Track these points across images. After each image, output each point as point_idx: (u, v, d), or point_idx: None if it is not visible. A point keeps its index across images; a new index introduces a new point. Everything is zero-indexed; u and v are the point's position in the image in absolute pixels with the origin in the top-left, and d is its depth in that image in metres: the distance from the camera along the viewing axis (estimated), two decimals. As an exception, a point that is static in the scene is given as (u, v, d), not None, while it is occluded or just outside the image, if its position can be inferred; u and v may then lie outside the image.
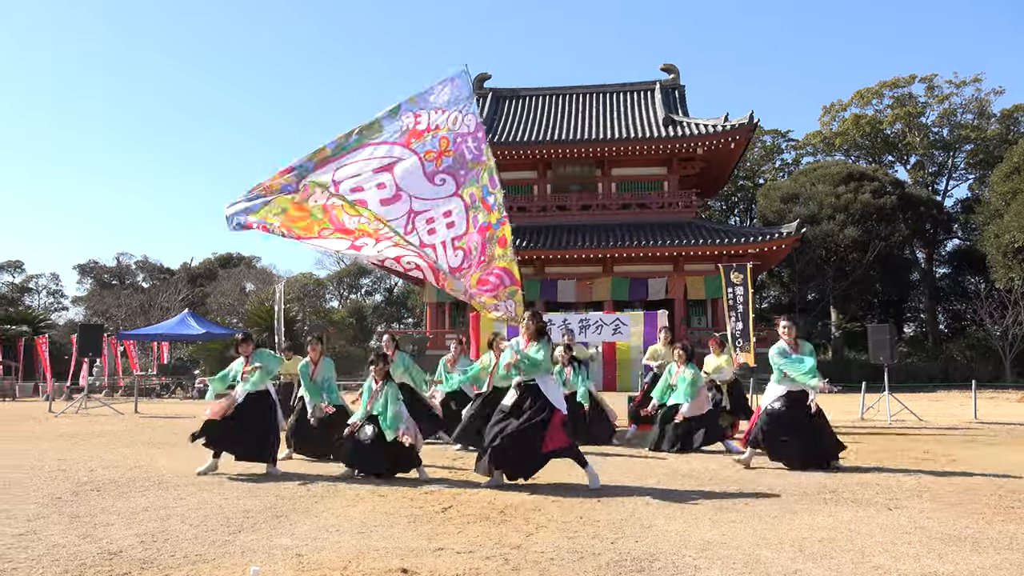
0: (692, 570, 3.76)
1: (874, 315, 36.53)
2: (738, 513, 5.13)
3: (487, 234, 7.42)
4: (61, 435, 10.92)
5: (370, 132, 7.43)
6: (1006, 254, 30.00)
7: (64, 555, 4.09)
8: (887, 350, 13.85)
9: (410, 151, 7.41)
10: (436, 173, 7.42)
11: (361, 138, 7.43)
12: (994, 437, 10.29)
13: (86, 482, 6.54)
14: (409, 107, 7.51)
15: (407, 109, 7.51)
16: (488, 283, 7.54)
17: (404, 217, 7.46)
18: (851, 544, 4.26)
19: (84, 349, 17.71)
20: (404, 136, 7.44)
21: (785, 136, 47.84)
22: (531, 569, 3.81)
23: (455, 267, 7.47)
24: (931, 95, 42.32)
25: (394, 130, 7.42)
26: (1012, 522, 4.80)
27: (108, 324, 35.44)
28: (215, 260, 53.97)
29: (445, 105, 7.43)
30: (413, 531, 4.68)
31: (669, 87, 32.67)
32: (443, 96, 7.51)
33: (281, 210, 7.33)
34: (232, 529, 4.71)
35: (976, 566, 3.79)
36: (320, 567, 3.85)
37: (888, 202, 34.39)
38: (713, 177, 31.26)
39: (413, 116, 7.46)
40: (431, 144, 7.43)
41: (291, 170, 7.44)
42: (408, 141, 7.44)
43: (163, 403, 20.72)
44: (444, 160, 7.41)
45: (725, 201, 47.78)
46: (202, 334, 24.99)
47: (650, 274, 27.41)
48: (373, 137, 7.41)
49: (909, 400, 14.72)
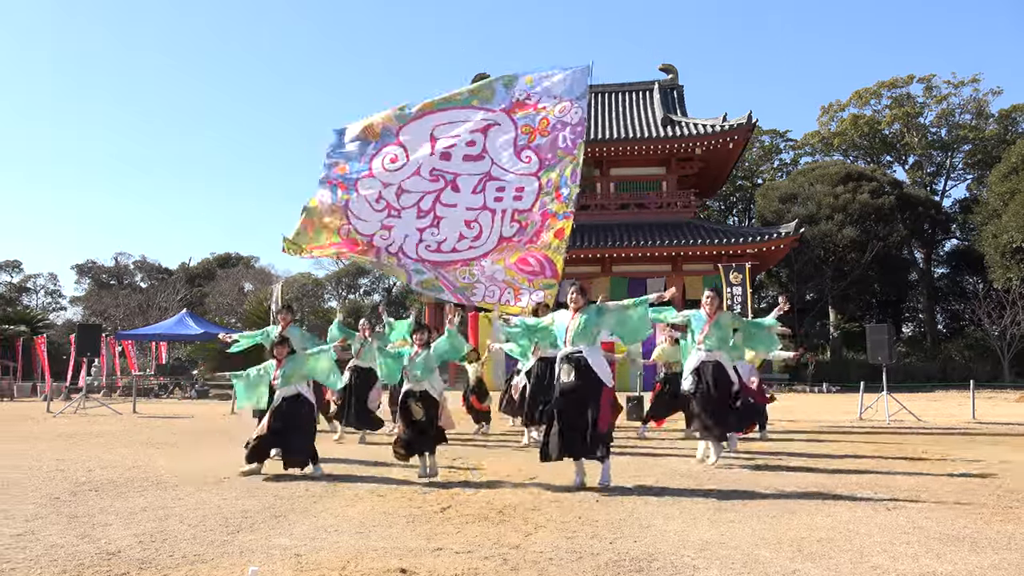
0: (691, 570, 3.77)
1: (872, 315, 36.57)
2: (737, 513, 5.13)
3: (547, 221, 7.54)
4: (59, 435, 10.91)
5: (481, 95, 7.61)
6: (1004, 254, 30.04)
7: (62, 555, 4.08)
8: (885, 350, 13.85)
9: (511, 120, 7.58)
10: (524, 149, 7.58)
11: (471, 98, 7.62)
12: (993, 437, 10.30)
13: (84, 482, 6.53)
14: (525, 86, 7.64)
15: (523, 87, 7.66)
16: (528, 264, 7.66)
17: (478, 176, 7.63)
18: (849, 544, 4.26)
19: (82, 349, 17.68)
20: (511, 105, 7.59)
21: (783, 136, 47.88)
22: (530, 569, 3.81)
23: (507, 237, 7.59)
24: (929, 95, 42.36)
25: (504, 98, 7.59)
26: (1010, 522, 4.81)
27: (106, 324, 35.36)
28: (213, 260, 53.92)
29: (561, 92, 7.59)
30: (412, 531, 4.68)
31: (667, 87, 32.69)
32: (561, 84, 7.66)
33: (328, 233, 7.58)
34: (230, 529, 4.71)
35: (974, 566, 3.79)
36: (319, 567, 3.84)
37: (886, 202, 34.42)
38: (712, 177, 31.28)
39: (526, 92, 7.61)
40: (532, 120, 7.62)
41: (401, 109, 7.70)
42: (512, 110, 7.60)
43: (161, 403, 20.70)
44: (537, 139, 7.54)
45: (723, 201, 47.81)
46: (200, 334, 24.96)
47: (649, 274, 27.42)
48: (483, 101, 7.60)
49: (907, 400, 14.74)
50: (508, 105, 7.53)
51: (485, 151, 7.61)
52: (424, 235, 7.83)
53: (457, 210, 7.71)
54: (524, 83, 7.58)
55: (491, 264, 7.76)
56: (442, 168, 7.66)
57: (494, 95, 7.57)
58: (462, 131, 7.54)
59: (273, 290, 22.91)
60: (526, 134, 7.59)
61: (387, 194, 7.71)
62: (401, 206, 7.76)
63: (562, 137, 7.50)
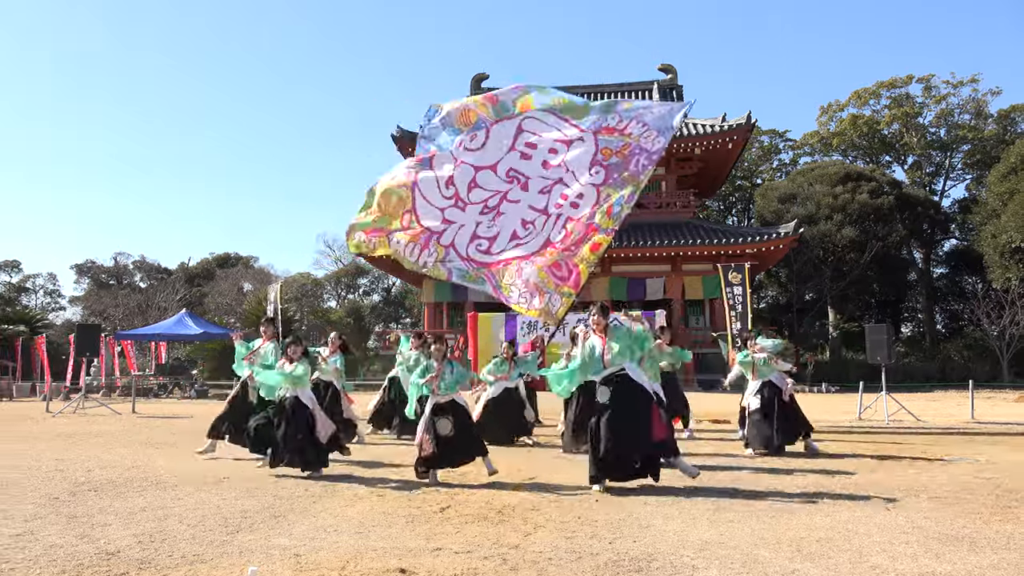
0: (690, 570, 3.77)
1: (871, 315, 36.56)
2: (736, 513, 5.13)
3: (590, 234, 7.55)
4: (58, 435, 10.90)
5: (575, 112, 7.71)
6: (1003, 254, 30.05)
7: (61, 555, 4.08)
8: (884, 350, 13.86)
9: (594, 139, 7.64)
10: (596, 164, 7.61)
11: (566, 111, 7.71)
12: (992, 437, 10.31)
13: (83, 482, 6.53)
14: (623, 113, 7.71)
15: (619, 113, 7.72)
16: (560, 270, 7.66)
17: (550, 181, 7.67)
18: (849, 544, 4.26)
19: (82, 349, 17.68)
20: (599, 128, 7.66)
21: (783, 136, 47.89)
22: (529, 569, 3.81)
23: (552, 241, 7.61)
24: (928, 95, 42.36)
25: (595, 121, 7.66)
26: (1009, 522, 4.81)
27: (105, 324, 35.36)
28: (213, 260, 53.91)
29: (651, 123, 7.63)
30: (411, 531, 4.68)
31: (667, 87, 32.70)
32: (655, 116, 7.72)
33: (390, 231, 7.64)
34: (230, 529, 4.71)
35: (973, 566, 3.80)
36: (318, 567, 3.84)
37: (885, 202, 34.43)
38: (711, 177, 31.28)
39: (618, 119, 7.68)
40: (613, 143, 7.67)
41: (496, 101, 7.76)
42: (600, 132, 7.67)
43: (161, 403, 20.69)
44: (612, 159, 7.60)
45: (723, 201, 47.81)
46: (200, 334, 24.96)
47: (648, 274, 27.42)
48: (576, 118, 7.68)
49: (906, 400, 14.74)
50: (597, 128, 7.63)
51: (563, 162, 7.68)
52: (479, 229, 7.84)
53: (519, 206, 7.75)
54: (622, 109, 7.69)
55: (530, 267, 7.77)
56: (519, 169, 7.71)
57: (587, 116, 7.70)
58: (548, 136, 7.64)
59: (270, 291, 22.87)
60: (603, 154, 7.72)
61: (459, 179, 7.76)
62: (469, 200, 7.79)
63: (635, 162, 7.59)
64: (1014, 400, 19.30)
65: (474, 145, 7.83)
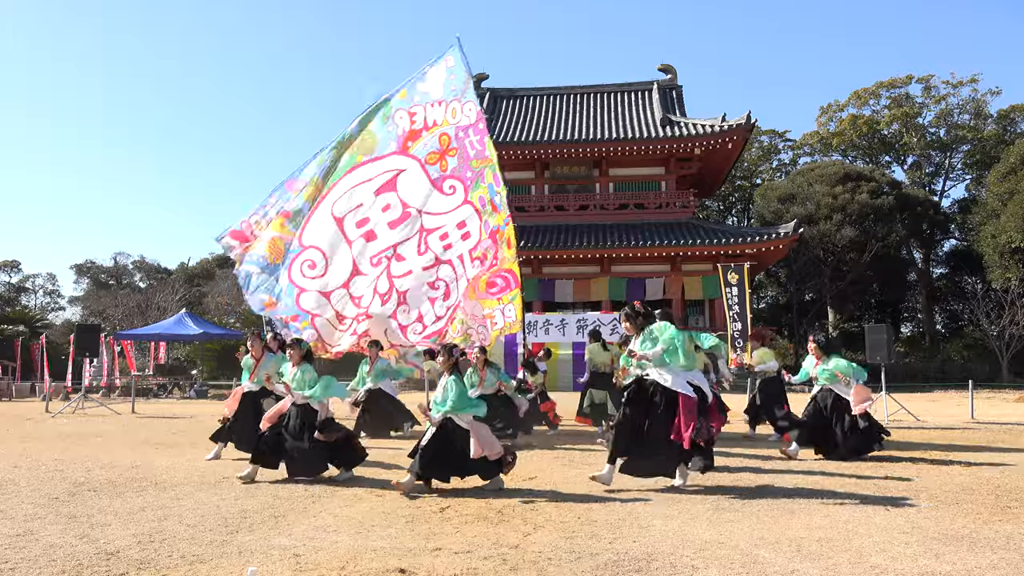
0: (690, 570, 3.77)
1: (871, 315, 36.54)
2: (736, 513, 5.13)
3: (497, 237, 7.26)
4: (58, 435, 10.89)
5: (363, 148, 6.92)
6: (1003, 254, 30.05)
7: (61, 555, 4.08)
8: (884, 350, 13.87)
9: (409, 158, 6.94)
10: (443, 179, 7.02)
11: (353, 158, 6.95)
12: (991, 437, 10.30)
13: (83, 482, 6.52)
14: (401, 104, 7.04)
15: (399, 107, 7.04)
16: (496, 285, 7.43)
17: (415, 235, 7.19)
18: (848, 544, 4.26)
19: (81, 349, 17.67)
20: (400, 141, 6.98)
21: (782, 136, 47.89)
22: (529, 569, 3.80)
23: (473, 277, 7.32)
24: (928, 96, 42.37)
25: (388, 138, 6.95)
26: (1009, 522, 4.81)
27: (105, 324, 35.25)
28: (212, 260, 53.79)
29: (442, 96, 6.93)
30: (411, 531, 4.67)
31: (666, 87, 32.70)
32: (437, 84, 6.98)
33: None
34: (230, 529, 4.71)
35: (973, 566, 3.80)
36: (318, 567, 3.84)
37: (885, 202, 34.42)
38: (710, 177, 31.31)
39: (408, 115, 6.98)
40: (431, 144, 7.03)
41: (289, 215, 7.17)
42: (405, 146, 6.99)
43: (160, 403, 20.67)
44: (448, 161, 7.02)
45: (722, 201, 47.81)
46: (199, 334, 24.93)
47: (648, 274, 27.42)
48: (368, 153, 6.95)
49: (906, 400, 14.74)
50: (398, 143, 6.86)
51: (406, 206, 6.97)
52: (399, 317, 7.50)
53: (412, 277, 7.34)
54: (399, 100, 6.89)
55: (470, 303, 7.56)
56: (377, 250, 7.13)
57: (377, 142, 6.88)
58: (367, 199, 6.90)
59: None
60: (434, 164, 6.93)
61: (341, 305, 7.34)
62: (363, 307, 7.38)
63: (469, 144, 6.96)
64: (1014, 400, 19.30)
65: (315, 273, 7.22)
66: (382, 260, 7.31)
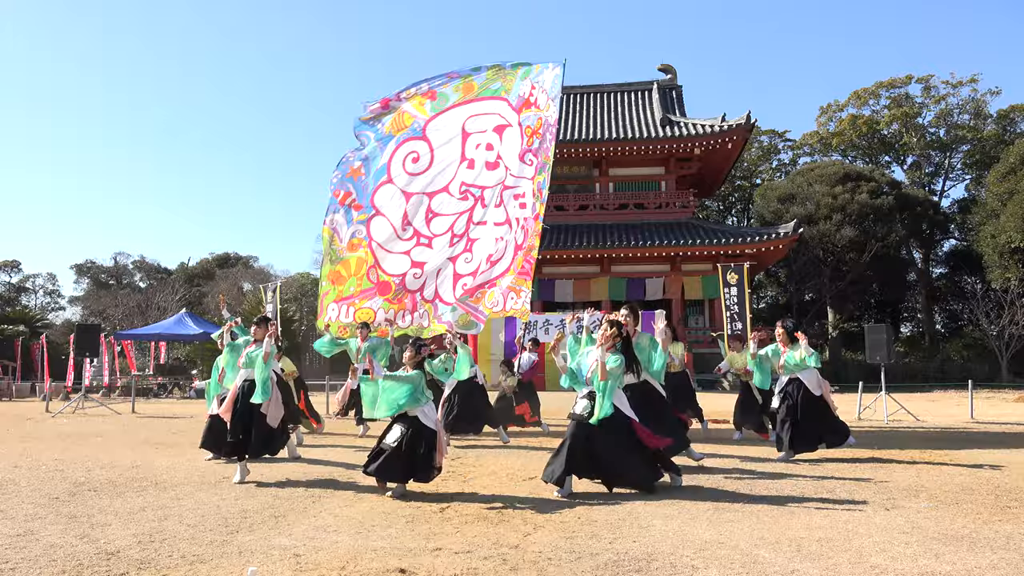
0: (690, 570, 3.77)
1: (871, 315, 36.55)
2: (736, 513, 5.13)
3: (536, 224, 7.55)
4: (58, 435, 10.89)
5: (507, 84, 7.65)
6: (1002, 254, 30.07)
7: (61, 555, 4.08)
8: (884, 350, 13.86)
9: (518, 121, 7.62)
10: (527, 152, 7.69)
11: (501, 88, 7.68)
12: (991, 437, 10.31)
13: (83, 482, 6.52)
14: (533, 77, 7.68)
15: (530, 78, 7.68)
16: (524, 268, 7.67)
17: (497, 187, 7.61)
18: (848, 544, 4.26)
19: (81, 349, 17.67)
20: (521, 103, 7.64)
21: (782, 136, 47.89)
22: (529, 569, 3.81)
23: (519, 244, 7.60)
24: (928, 96, 42.37)
25: (518, 94, 7.64)
26: (1008, 522, 4.81)
27: (105, 324, 35.31)
28: (212, 260, 53.86)
29: (548, 91, 7.61)
30: (411, 531, 4.68)
31: (666, 87, 32.71)
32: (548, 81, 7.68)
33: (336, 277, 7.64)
34: (230, 529, 4.71)
35: (973, 566, 3.80)
36: (318, 567, 3.85)
37: (885, 202, 34.43)
38: (710, 177, 31.30)
39: (531, 87, 7.65)
40: (531, 120, 7.67)
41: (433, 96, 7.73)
42: (520, 109, 7.64)
43: (160, 403, 20.67)
44: (534, 140, 7.63)
45: (722, 201, 47.81)
46: (199, 334, 24.93)
47: (647, 274, 27.43)
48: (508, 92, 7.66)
49: (906, 400, 14.75)
50: (519, 102, 7.56)
51: (499, 158, 7.66)
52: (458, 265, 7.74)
53: (487, 228, 7.73)
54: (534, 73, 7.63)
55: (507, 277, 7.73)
56: (470, 182, 7.64)
57: (514, 86, 7.60)
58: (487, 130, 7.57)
59: (265, 289, 22.78)
60: (527, 135, 7.63)
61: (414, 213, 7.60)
62: (432, 232, 7.65)
63: (547, 138, 7.56)
64: (1013, 400, 19.30)
65: (418, 168, 7.63)
66: (468, 196, 7.64)
